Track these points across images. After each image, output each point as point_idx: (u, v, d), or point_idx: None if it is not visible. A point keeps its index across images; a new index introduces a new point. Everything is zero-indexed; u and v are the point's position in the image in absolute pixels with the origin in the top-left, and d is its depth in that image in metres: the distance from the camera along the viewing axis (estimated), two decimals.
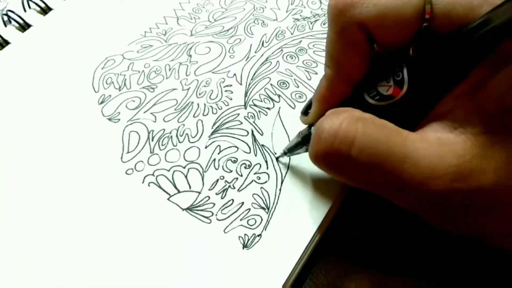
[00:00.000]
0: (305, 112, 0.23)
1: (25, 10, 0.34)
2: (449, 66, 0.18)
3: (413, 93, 0.19)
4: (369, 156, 0.18)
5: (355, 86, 0.21)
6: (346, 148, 0.18)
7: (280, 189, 0.24)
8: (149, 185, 0.25)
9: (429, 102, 0.19)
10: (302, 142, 0.23)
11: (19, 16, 0.33)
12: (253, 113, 0.28)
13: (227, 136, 0.27)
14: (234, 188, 0.24)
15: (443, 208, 0.18)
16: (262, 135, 0.27)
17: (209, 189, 0.24)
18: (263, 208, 0.24)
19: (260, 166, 0.25)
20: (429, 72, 0.19)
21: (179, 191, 0.24)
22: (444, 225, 0.20)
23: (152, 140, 0.26)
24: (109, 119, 0.28)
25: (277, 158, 0.25)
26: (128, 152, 0.26)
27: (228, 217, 0.23)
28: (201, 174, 0.25)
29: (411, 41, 0.19)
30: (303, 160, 0.25)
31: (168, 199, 0.24)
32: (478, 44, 0.17)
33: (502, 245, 0.20)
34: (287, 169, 0.25)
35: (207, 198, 0.24)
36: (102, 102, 0.28)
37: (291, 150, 0.24)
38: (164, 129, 0.27)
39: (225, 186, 0.25)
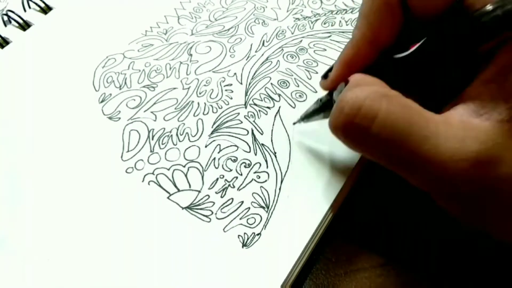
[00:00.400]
0: (325, 75, 0.23)
1: (25, 10, 0.34)
2: (466, 42, 0.18)
3: (425, 51, 0.19)
4: (389, 134, 0.18)
5: (381, 53, 0.21)
6: (367, 124, 0.18)
7: (279, 188, 0.24)
8: (149, 184, 0.25)
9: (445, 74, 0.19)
10: (321, 109, 0.23)
11: (19, 16, 0.33)
12: (253, 113, 0.28)
13: (227, 135, 0.27)
14: (234, 187, 0.24)
15: (457, 192, 0.18)
16: (262, 134, 0.27)
17: (209, 188, 0.24)
18: (263, 207, 0.24)
19: (260, 165, 0.25)
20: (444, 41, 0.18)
21: (179, 190, 0.24)
22: (454, 210, 0.20)
23: (152, 139, 0.26)
24: (110, 118, 0.28)
25: (293, 123, 0.26)
26: (128, 151, 0.26)
27: (228, 216, 0.23)
28: (201, 173, 0.25)
29: (443, 14, 0.19)
30: (303, 161, 0.25)
31: (168, 197, 0.24)
32: (497, 24, 0.16)
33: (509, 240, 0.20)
34: (287, 168, 0.25)
35: (207, 197, 0.24)
36: (102, 101, 0.28)
37: (308, 117, 0.24)
38: (164, 128, 0.27)
39: (225, 185, 0.25)
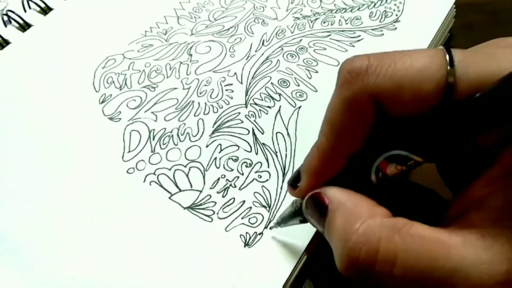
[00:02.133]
0: (292, 183, 0.20)
1: (25, 10, 0.34)
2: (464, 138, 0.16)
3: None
4: (413, 275, 0.16)
5: (350, 159, 0.18)
6: (388, 269, 0.16)
7: (281, 187, 0.24)
8: (150, 184, 0.25)
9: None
10: (297, 213, 0.20)
11: (19, 16, 0.33)
12: (253, 112, 0.28)
13: (228, 135, 0.27)
14: (235, 186, 0.24)
15: None
16: (263, 133, 0.27)
17: (210, 188, 0.24)
18: (264, 207, 0.24)
19: (261, 165, 0.25)
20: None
21: (180, 190, 0.24)
22: None
23: (153, 139, 0.27)
24: (110, 119, 0.28)
25: (270, 228, 0.23)
26: (129, 151, 0.26)
27: (230, 215, 0.23)
28: (202, 173, 0.25)
29: (429, 111, 0.17)
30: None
31: (170, 198, 0.24)
32: (491, 111, 0.14)
33: None
34: (288, 167, 0.25)
35: (208, 196, 0.24)
36: (103, 102, 0.28)
37: (285, 221, 0.21)
38: (165, 128, 0.27)
39: (226, 184, 0.25)
